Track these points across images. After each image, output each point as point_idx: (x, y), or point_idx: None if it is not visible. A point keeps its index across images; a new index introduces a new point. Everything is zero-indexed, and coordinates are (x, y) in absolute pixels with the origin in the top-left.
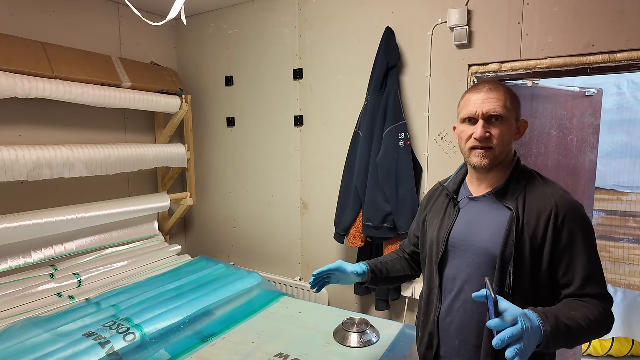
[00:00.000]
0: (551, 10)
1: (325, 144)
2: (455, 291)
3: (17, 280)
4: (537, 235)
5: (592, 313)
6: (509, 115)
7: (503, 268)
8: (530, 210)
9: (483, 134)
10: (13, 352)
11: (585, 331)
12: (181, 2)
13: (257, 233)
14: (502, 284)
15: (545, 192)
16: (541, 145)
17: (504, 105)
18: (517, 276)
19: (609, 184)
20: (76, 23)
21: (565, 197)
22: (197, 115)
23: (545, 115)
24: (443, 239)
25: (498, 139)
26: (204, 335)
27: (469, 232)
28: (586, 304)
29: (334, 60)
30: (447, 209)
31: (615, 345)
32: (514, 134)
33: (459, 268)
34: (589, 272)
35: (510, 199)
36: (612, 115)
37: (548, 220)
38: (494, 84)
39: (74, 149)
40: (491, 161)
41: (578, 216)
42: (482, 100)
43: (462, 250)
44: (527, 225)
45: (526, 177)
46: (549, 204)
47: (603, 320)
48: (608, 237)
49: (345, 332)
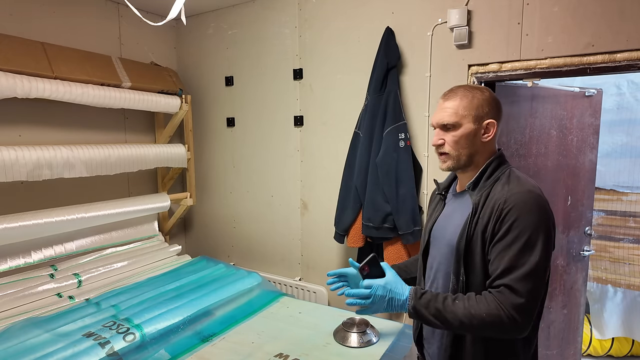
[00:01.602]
0: (551, 10)
1: (325, 144)
2: (431, 278)
3: (17, 280)
4: (486, 228)
5: (477, 306)
6: (461, 121)
7: (457, 259)
8: (487, 204)
9: (435, 141)
10: (13, 352)
11: (460, 320)
12: (181, 2)
13: (257, 233)
14: (457, 273)
15: (504, 188)
16: (541, 145)
17: (453, 112)
18: (468, 268)
19: (608, 184)
20: (76, 23)
21: (522, 193)
22: (197, 115)
23: (545, 115)
24: (427, 231)
25: (451, 144)
26: (204, 335)
27: (444, 224)
28: (481, 296)
29: (334, 60)
30: (437, 204)
31: (615, 345)
32: (476, 135)
33: (434, 257)
34: (510, 265)
35: (477, 194)
36: (612, 115)
37: (493, 213)
38: (454, 90)
39: (73, 149)
40: (450, 165)
41: (522, 212)
42: (439, 109)
43: (438, 241)
44: (482, 218)
45: (498, 175)
46: (500, 198)
47: (488, 315)
48: (608, 237)
49: (345, 332)
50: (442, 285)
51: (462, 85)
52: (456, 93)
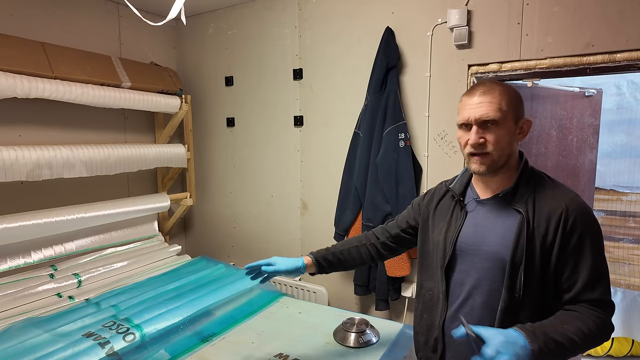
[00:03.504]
0: (551, 10)
1: (325, 144)
2: (462, 296)
3: (16, 281)
4: (547, 238)
5: (586, 326)
6: (505, 118)
7: (513, 272)
8: (540, 213)
9: (477, 140)
10: (13, 352)
11: (579, 345)
12: (181, 2)
13: (257, 233)
14: (512, 289)
15: (556, 194)
16: (541, 145)
17: (497, 108)
18: (527, 280)
19: (608, 184)
20: (76, 23)
21: (576, 200)
22: (197, 115)
23: (545, 115)
24: (450, 243)
25: (494, 144)
26: (204, 336)
27: (478, 235)
28: (580, 314)
29: (334, 60)
30: (454, 211)
31: (615, 345)
32: (514, 135)
33: (467, 273)
34: (591, 278)
35: (519, 201)
36: (612, 115)
37: (558, 223)
38: (489, 85)
39: (73, 149)
40: (489, 167)
41: (588, 220)
42: (475, 104)
43: (471, 255)
44: (537, 228)
45: (535, 179)
46: (559, 206)
47: (598, 332)
48: (608, 237)
49: (345, 332)
50: (481, 303)
51: (493, 81)
52: (493, 88)
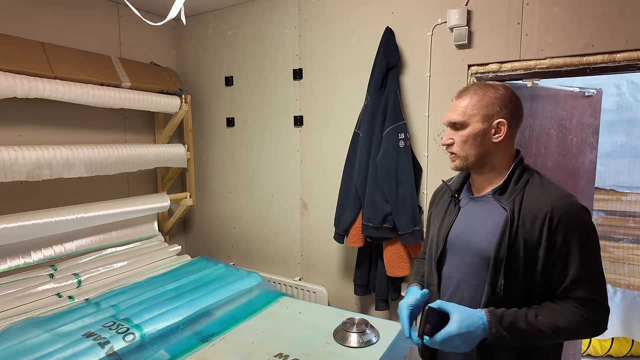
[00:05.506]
0: (551, 10)
1: (325, 144)
2: (451, 289)
3: (16, 281)
4: (532, 237)
5: (563, 321)
6: (469, 120)
7: (496, 269)
8: (526, 212)
9: (445, 140)
10: (12, 352)
11: (547, 337)
12: (181, 2)
13: (256, 233)
14: (494, 285)
15: (543, 193)
16: (541, 145)
17: (462, 111)
18: (509, 277)
19: (608, 184)
20: (76, 23)
21: (565, 199)
22: (197, 115)
23: (544, 116)
24: (442, 237)
25: (459, 144)
26: (204, 336)
27: (467, 231)
28: (561, 308)
29: (334, 60)
30: (449, 207)
31: (615, 345)
32: (486, 135)
33: (456, 267)
34: (578, 276)
35: (507, 199)
36: (612, 115)
37: (543, 222)
38: (469, 87)
39: (73, 149)
40: (458, 165)
41: (575, 219)
42: (452, 107)
43: (460, 249)
44: (522, 226)
45: (526, 178)
46: (545, 206)
47: (578, 329)
48: (607, 237)
49: (345, 332)
50: (468, 297)
51: (478, 83)
52: (468, 91)
